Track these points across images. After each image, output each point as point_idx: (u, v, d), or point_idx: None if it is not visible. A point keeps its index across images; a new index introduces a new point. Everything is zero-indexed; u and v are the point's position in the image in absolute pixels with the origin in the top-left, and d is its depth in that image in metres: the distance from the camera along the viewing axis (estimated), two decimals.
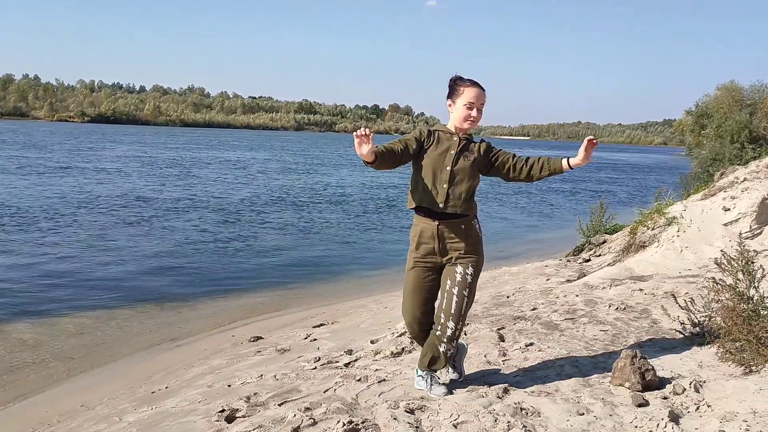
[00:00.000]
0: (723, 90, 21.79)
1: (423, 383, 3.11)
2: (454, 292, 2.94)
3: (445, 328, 2.95)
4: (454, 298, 2.94)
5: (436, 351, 3.01)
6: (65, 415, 4.13)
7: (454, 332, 2.96)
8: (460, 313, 2.95)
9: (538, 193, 24.71)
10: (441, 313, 2.97)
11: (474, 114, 2.94)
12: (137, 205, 15.60)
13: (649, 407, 2.83)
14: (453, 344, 3.00)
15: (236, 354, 5.02)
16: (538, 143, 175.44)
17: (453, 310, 2.94)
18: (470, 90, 2.94)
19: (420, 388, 3.13)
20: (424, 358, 3.08)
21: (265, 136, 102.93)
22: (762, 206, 6.57)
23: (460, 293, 2.94)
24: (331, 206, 17.60)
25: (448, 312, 2.95)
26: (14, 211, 13.38)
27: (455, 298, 2.94)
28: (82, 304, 7.29)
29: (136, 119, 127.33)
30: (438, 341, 2.99)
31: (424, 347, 3.10)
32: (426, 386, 3.09)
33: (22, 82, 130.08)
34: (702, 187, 9.48)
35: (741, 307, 3.22)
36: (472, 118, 2.95)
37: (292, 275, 9.39)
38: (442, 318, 2.97)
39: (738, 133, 15.40)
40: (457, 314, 2.94)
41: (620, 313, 4.72)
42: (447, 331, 2.95)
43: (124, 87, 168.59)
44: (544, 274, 7.00)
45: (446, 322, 2.95)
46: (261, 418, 2.88)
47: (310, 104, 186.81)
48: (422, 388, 3.11)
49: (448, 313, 2.95)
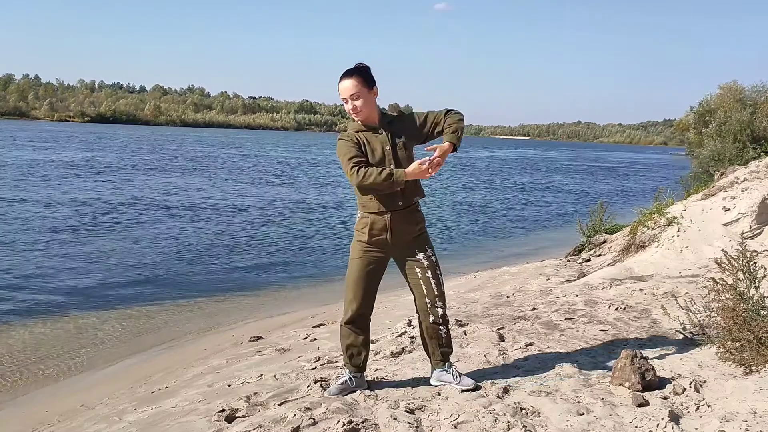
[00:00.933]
0: (725, 90, 21.77)
1: (449, 377, 3.10)
2: (429, 275, 2.99)
3: (436, 309, 3.00)
4: (431, 282, 2.99)
5: (441, 340, 3.05)
6: (65, 415, 4.13)
7: (445, 311, 3.04)
8: (443, 291, 3.03)
9: (540, 194, 24.72)
10: (426, 300, 2.99)
11: (350, 106, 2.92)
12: (138, 205, 15.60)
13: (649, 407, 2.83)
14: (448, 324, 3.08)
15: (236, 354, 5.02)
16: (538, 143, 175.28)
17: (437, 292, 3.00)
18: (340, 86, 2.93)
19: (441, 383, 3.12)
20: (435, 355, 3.09)
21: (266, 135, 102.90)
22: (762, 206, 6.56)
23: (434, 274, 3.01)
24: (332, 207, 17.60)
25: (432, 295, 2.99)
26: (14, 211, 13.38)
27: (432, 280, 2.99)
28: (82, 304, 7.28)
29: (137, 119, 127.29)
30: (437, 330, 3.02)
31: (428, 345, 3.10)
32: (454, 380, 3.09)
33: (22, 81, 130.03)
34: (702, 187, 9.47)
35: (741, 307, 3.22)
36: (351, 111, 2.92)
37: (292, 275, 9.39)
38: (428, 304, 3.00)
39: (740, 132, 15.38)
40: (441, 294, 3.02)
41: (620, 313, 4.72)
42: (439, 311, 3.01)
43: (124, 87, 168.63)
44: (544, 274, 7.00)
45: (434, 304, 3.00)
46: (261, 417, 2.88)
47: (310, 104, 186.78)
48: (448, 382, 3.10)
49: (432, 296, 2.99)
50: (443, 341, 3.07)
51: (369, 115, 2.94)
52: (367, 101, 2.92)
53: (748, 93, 20.19)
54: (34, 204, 14.60)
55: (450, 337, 3.11)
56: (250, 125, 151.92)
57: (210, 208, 15.89)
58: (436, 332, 3.04)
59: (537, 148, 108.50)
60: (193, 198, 17.69)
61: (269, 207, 16.74)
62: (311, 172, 30.78)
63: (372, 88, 2.94)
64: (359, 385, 3.13)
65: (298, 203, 17.87)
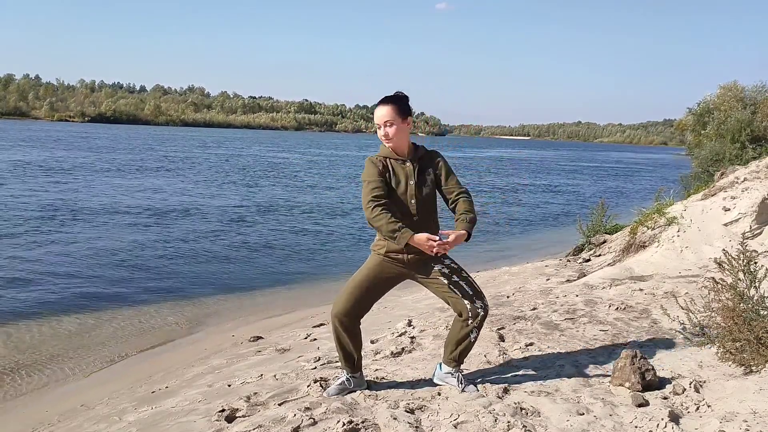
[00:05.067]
0: (725, 89, 21.78)
1: (454, 381, 3.11)
2: (456, 279, 2.97)
3: (476, 310, 2.95)
4: (461, 284, 2.97)
5: (468, 343, 3.04)
6: (65, 415, 4.13)
7: (486, 309, 2.99)
8: (478, 290, 2.99)
9: (540, 194, 24.71)
10: (464, 301, 2.94)
11: (382, 133, 2.96)
12: (137, 206, 15.60)
13: (649, 407, 2.83)
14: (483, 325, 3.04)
15: (236, 354, 5.02)
16: (538, 143, 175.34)
17: (471, 291, 2.97)
18: (376, 111, 2.99)
19: (444, 384, 3.13)
20: (453, 353, 3.08)
21: (267, 135, 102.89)
22: (762, 206, 6.56)
23: (462, 277, 2.98)
24: (332, 207, 17.59)
25: (468, 296, 2.96)
26: (14, 211, 13.38)
27: (462, 283, 2.97)
28: (83, 304, 7.28)
29: (137, 119, 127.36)
30: (470, 330, 2.98)
31: (452, 343, 3.07)
32: (458, 384, 3.09)
33: (23, 81, 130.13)
34: (702, 187, 9.46)
35: (741, 307, 3.22)
36: (383, 137, 2.96)
37: (292, 275, 9.39)
38: (467, 305, 2.94)
39: (739, 132, 15.37)
40: (476, 292, 2.98)
41: (620, 313, 4.71)
42: (479, 312, 2.96)
43: (124, 87, 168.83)
44: (544, 274, 7.00)
45: (474, 304, 2.95)
46: (261, 417, 2.88)
47: (310, 104, 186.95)
48: (452, 385, 3.11)
49: (468, 296, 2.95)
50: (468, 345, 3.05)
51: (399, 144, 2.98)
52: (400, 130, 2.96)
53: (748, 93, 20.19)
54: (34, 204, 14.60)
55: (475, 342, 3.08)
56: (250, 125, 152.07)
57: (210, 208, 15.89)
58: (467, 335, 3.01)
59: (537, 148, 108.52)
60: (192, 199, 17.69)
61: (269, 207, 16.74)
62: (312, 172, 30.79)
63: (406, 119, 2.97)
64: (358, 385, 3.13)
65: (299, 204, 17.86)
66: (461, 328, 3.00)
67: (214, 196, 18.38)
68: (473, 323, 2.97)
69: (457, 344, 3.05)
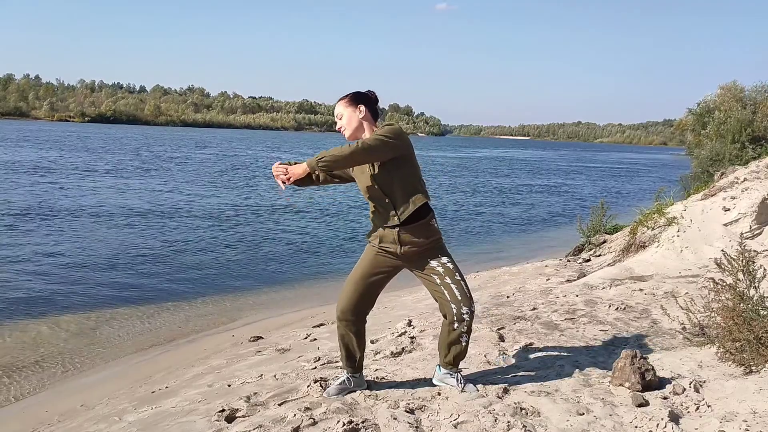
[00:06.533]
0: (725, 90, 21.81)
1: (453, 381, 3.11)
2: (448, 281, 2.93)
3: (461, 315, 2.93)
4: (452, 287, 2.93)
5: (460, 347, 3.02)
6: (65, 415, 4.13)
7: (471, 316, 2.96)
8: (467, 295, 2.95)
9: (540, 194, 24.71)
10: (451, 305, 2.93)
11: (338, 128, 3.04)
12: (137, 206, 15.61)
13: (649, 407, 2.82)
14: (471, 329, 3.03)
15: (236, 354, 5.02)
16: (538, 143, 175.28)
17: (459, 296, 2.93)
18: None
19: (444, 384, 3.13)
20: (447, 357, 3.07)
21: (267, 135, 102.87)
22: (762, 206, 6.56)
23: (455, 280, 2.94)
24: (332, 207, 17.59)
25: (455, 300, 2.92)
26: (14, 211, 13.38)
27: (453, 285, 2.93)
28: (82, 304, 7.29)
29: (137, 119, 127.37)
30: (459, 335, 2.97)
31: (443, 346, 3.07)
32: (457, 384, 3.09)
33: (23, 81, 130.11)
34: (702, 187, 9.46)
35: (741, 307, 3.22)
36: (341, 132, 3.01)
37: (292, 275, 9.40)
38: (453, 309, 2.92)
39: (739, 132, 15.38)
40: (464, 297, 2.93)
41: (620, 313, 4.71)
42: (465, 318, 2.94)
43: (124, 87, 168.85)
44: (544, 274, 7.00)
45: (460, 309, 2.93)
46: (261, 417, 2.88)
47: (310, 104, 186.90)
48: (451, 385, 3.11)
49: (456, 300, 2.92)
50: (461, 349, 3.04)
51: (354, 132, 2.97)
52: (350, 117, 2.97)
53: (748, 93, 20.21)
54: (34, 204, 14.60)
55: (468, 345, 3.06)
56: (250, 125, 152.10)
57: (210, 210, 15.89)
58: (457, 339, 3.00)
59: (537, 149, 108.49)
60: (190, 199, 17.69)
61: (269, 207, 16.74)
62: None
63: (357, 106, 2.96)
64: (358, 385, 3.13)
65: (299, 204, 17.86)
66: (449, 332, 3.00)
67: (212, 196, 18.39)
68: (459, 327, 2.95)
69: (449, 348, 3.04)
